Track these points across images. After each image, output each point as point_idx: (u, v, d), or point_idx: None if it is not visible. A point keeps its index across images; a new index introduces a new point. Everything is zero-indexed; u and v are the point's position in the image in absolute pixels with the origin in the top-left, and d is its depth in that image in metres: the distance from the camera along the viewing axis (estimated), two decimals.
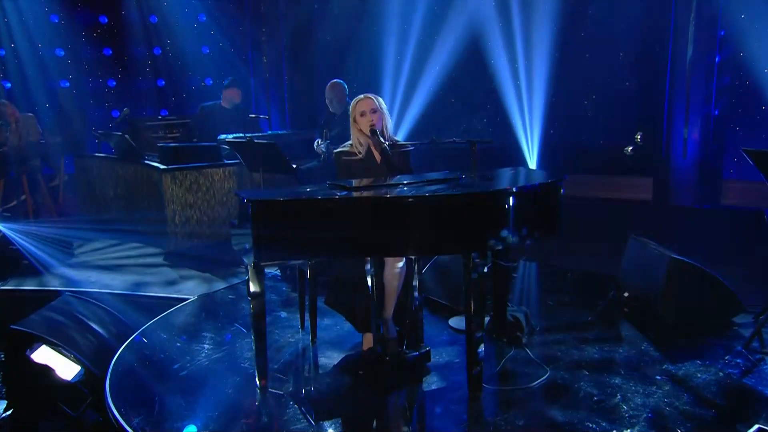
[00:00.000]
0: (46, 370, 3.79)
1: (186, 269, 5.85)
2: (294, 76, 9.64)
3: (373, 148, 4.03)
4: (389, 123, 4.08)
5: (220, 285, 5.44)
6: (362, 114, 3.99)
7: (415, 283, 3.87)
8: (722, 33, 7.35)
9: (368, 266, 3.74)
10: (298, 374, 3.84)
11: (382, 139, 3.93)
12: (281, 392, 3.56)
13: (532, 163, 7.82)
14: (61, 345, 3.92)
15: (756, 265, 5.39)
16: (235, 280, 5.53)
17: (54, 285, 5.47)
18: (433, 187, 3.48)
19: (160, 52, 9.98)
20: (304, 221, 3.28)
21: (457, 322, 4.42)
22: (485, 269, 3.32)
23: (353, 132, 4.06)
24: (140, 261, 6.18)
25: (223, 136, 6.62)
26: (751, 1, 7.02)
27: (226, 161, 6.52)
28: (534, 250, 5.52)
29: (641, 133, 7.92)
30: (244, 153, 5.86)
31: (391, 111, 8.35)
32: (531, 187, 3.43)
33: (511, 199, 3.28)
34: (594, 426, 3.08)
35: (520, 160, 7.86)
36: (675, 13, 7.35)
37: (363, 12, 8.94)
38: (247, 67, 9.83)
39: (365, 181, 3.73)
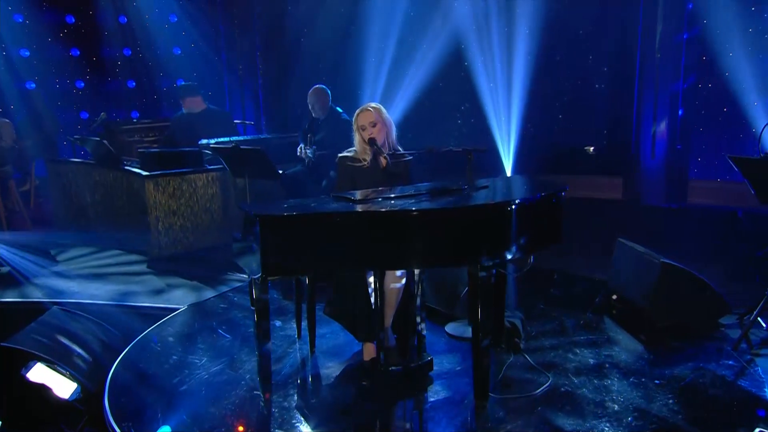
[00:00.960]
0: (43, 390, 3.65)
1: (172, 277, 5.68)
2: (269, 78, 9.47)
3: (377, 157, 4.01)
4: (392, 132, 4.05)
5: (209, 293, 5.30)
6: (363, 128, 3.99)
7: (418, 292, 3.84)
8: (686, 36, 7.49)
9: (369, 275, 3.71)
10: (302, 386, 3.74)
11: (382, 150, 3.93)
12: (287, 405, 3.48)
13: (508, 164, 7.85)
14: (56, 362, 3.78)
15: (732, 264, 5.49)
16: (224, 288, 5.41)
17: (37, 296, 5.25)
18: (439, 199, 3.46)
19: (131, 52, 9.69)
20: (312, 235, 3.22)
21: (453, 328, 4.39)
22: (492, 280, 3.32)
23: (358, 142, 4.06)
24: (124, 269, 5.98)
25: (205, 141, 6.47)
26: (714, 6, 7.18)
27: (208, 167, 6.37)
28: None
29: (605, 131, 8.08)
30: (229, 159, 5.72)
31: None
32: (537, 198, 3.43)
33: (519, 210, 3.27)
34: None
35: (495, 161, 7.89)
36: (643, 16, 7.46)
37: (339, 13, 8.85)
38: (221, 69, 9.61)
39: (369, 193, 3.66)
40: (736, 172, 7.69)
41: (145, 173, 6.01)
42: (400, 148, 4.15)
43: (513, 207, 3.25)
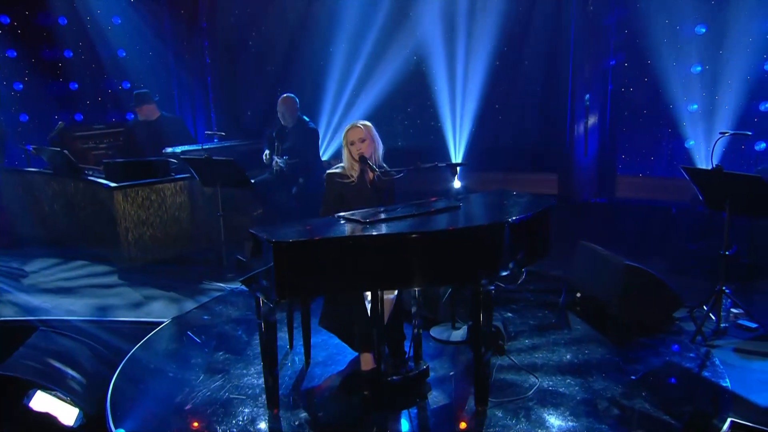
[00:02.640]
0: (48, 419, 3.44)
1: (148, 288, 5.41)
2: (218, 81, 9.16)
3: (364, 174, 3.98)
4: (379, 148, 4.02)
5: (190, 304, 5.09)
6: (352, 143, 3.94)
7: (416, 304, 3.86)
8: (614, 34, 7.79)
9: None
10: (306, 399, 3.68)
11: (374, 167, 3.90)
12: (297, 420, 3.43)
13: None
14: (55, 389, 3.59)
15: (670, 258, 5.78)
16: (204, 299, 5.21)
17: (8, 314, 4.88)
18: (440, 218, 3.47)
19: (72, 54, 9.10)
20: (325, 259, 3.15)
21: (438, 332, 4.43)
22: (493, 295, 3.38)
23: (346, 158, 3.99)
24: (95, 281, 5.65)
25: (170, 150, 6.22)
26: (634, 17, 7.53)
27: (175, 175, 6.11)
28: None
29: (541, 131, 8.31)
30: (200, 169, 5.54)
31: (323, 115, 8.27)
32: (535, 214, 3.50)
33: (520, 226, 3.34)
34: None
35: (446, 160, 7.98)
36: (575, 25, 7.69)
37: (287, 14, 8.65)
38: (168, 71, 9.19)
39: (370, 213, 3.61)
40: (656, 168, 8.17)
41: (113, 184, 5.69)
42: (385, 165, 4.12)
43: (515, 224, 3.31)
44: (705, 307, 4.37)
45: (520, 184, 8.20)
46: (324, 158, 7.45)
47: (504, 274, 3.40)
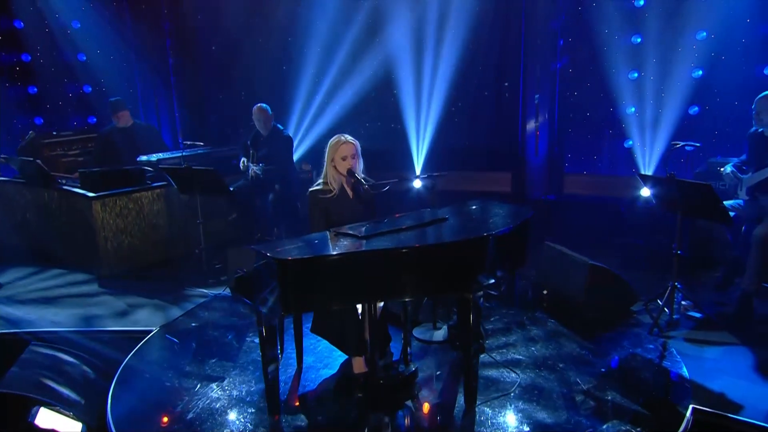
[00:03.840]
0: None
1: (130, 296, 5.29)
2: (182, 83, 8.93)
3: (345, 186, 3.98)
4: (360, 162, 4.03)
5: (176, 312, 5.00)
6: (344, 158, 3.89)
7: (407, 312, 3.94)
8: (561, 42, 8.03)
9: None
10: (303, 404, 3.70)
11: (362, 181, 3.92)
12: (300, 425, 3.45)
13: (418, 165, 8.04)
14: (57, 404, 3.50)
15: (620, 254, 6.05)
16: (189, 305, 5.12)
17: None
18: (431, 231, 3.55)
19: (30, 58, 8.69)
20: (328, 274, 3.18)
21: (420, 332, 4.52)
22: (481, 302, 3.50)
23: (330, 170, 3.94)
24: (75, 291, 5.47)
25: (144, 158, 6.07)
26: (577, 26, 7.79)
27: (152, 183, 5.97)
28: None
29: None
30: (180, 178, 5.45)
31: (287, 118, 8.22)
32: (518, 225, 3.61)
33: (507, 236, 3.45)
34: (577, 425, 3.37)
35: (407, 161, 8.08)
36: (525, 26, 7.89)
37: (249, 17, 8.53)
38: (132, 75, 8.90)
39: (361, 226, 3.65)
40: (599, 167, 8.48)
41: (90, 194, 5.52)
42: (370, 178, 4.14)
43: (503, 234, 3.41)
44: (659, 301, 4.62)
45: (478, 182, 8.40)
46: None
47: (494, 281, 3.51)
